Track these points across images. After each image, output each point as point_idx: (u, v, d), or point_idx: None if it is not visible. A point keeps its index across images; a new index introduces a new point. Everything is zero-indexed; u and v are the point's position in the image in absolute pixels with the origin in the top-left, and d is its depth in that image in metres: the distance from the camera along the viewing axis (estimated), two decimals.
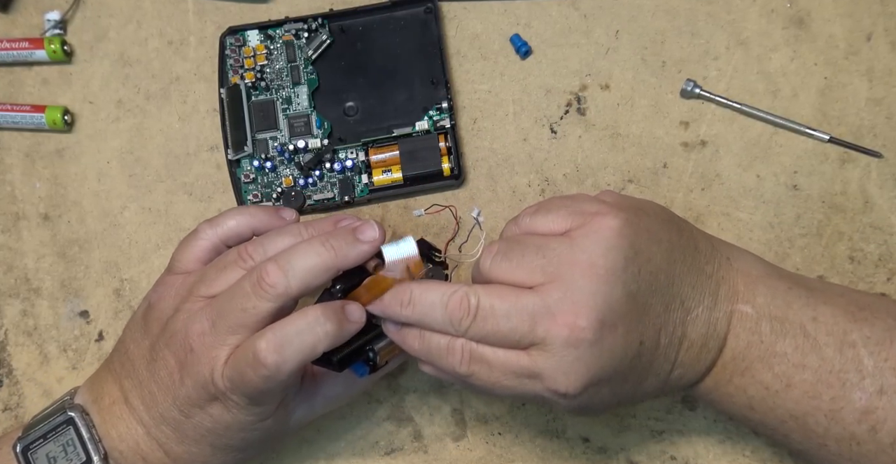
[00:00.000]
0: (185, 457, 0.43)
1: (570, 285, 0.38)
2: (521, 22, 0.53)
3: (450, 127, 0.52)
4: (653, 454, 0.49)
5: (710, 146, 0.51)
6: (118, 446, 0.43)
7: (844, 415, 0.39)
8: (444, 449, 0.50)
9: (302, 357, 0.38)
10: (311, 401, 0.45)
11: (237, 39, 0.54)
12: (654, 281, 0.40)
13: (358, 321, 0.40)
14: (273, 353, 0.38)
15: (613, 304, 0.38)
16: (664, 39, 0.52)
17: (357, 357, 0.43)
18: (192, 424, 0.41)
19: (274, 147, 0.53)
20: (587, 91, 0.53)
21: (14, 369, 0.54)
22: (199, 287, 0.42)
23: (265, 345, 0.38)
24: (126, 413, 0.43)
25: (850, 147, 0.50)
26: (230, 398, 0.40)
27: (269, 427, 0.43)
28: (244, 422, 0.41)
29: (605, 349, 0.38)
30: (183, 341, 0.41)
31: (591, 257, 0.38)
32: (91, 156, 0.55)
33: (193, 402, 0.41)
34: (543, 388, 0.38)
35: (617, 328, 0.38)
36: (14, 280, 0.54)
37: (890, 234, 0.49)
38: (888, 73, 0.50)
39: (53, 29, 0.56)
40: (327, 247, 0.40)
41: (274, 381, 0.39)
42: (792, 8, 0.52)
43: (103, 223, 0.54)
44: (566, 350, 0.37)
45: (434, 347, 0.39)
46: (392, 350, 0.44)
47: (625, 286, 0.38)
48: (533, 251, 0.39)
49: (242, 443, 0.43)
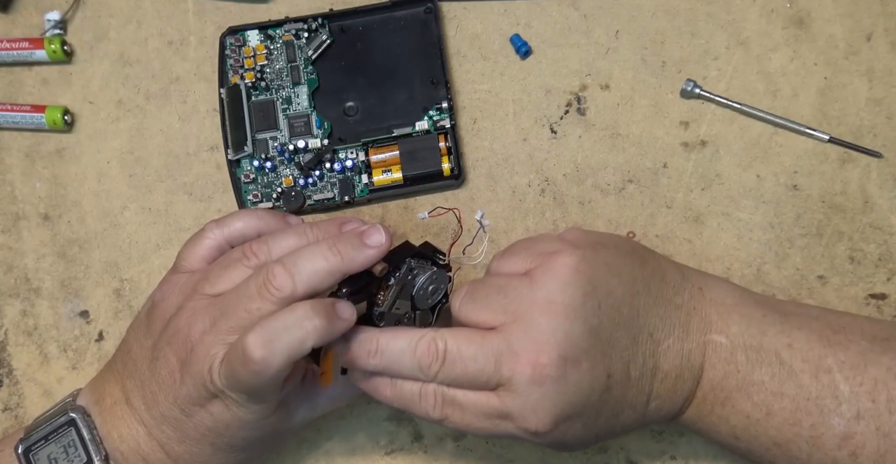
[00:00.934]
0: (186, 457, 0.42)
1: (530, 324, 0.38)
2: (521, 22, 0.53)
3: (450, 127, 0.52)
4: (653, 454, 0.49)
5: (710, 146, 0.51)
6: (119, 447, 0.43)
7: (825, 441, 0.40)
8: (444, 449, 0.50)
9: (290, 352, 0.38)
10: (313, 400, 0.45)
11: (237, 39, 0.54)
12: (617, 314, 0.40)
13: (348, 319, 0.40)
14: (261, 348, 0.37)
15: (575, 339, 0.38)
16: (664, 39, 0.52)
17: None
18: (193, 423, 0.41)
19: (274, 147, 0.53)
20: (587, 91, 0.53)
21: (14, 369, 0.54)
22: (202, 285, 0.42)
23: (253, 340, 0.38)
24: (128, 414, 0.43)
25: (850, 147, 0.50)
26: (229, 396, 0.40)
27: (271, 426, 0.43)
28: (245, 421, 0.41)
29: (571, 385, 0.38)
30: (185, 340, 0.41)
31: (549, 295, 0.39)
32: (91, 156, 0.55)
33: (194, 400, 0.41)
34: (515, 427, 0.39)
35: (581, 363, 0.38)
36: (14, 280, 0.54)
37: (890, 234, 0.49)
38: (888, 73, 0.50)
39: (53, 29, 0.56)
40: (334, 251, 0.40)
41: (264, 376, 0.38)
42: (792, 8, 0.52)
43: (103, 223, 0.54)
44: (531, 388, 0.38)
45: (406, 394, 0.40)
46: None
47: (585, 321, 0.39)
48: (495, 292, 0.40)
49: (244, 442, 0.43)
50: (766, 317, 0.42)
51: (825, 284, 0.49)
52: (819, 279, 0.49)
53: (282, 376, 0.39)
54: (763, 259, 0.50)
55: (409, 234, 0.52)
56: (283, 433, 0.44)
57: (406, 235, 0.52)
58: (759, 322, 0.42)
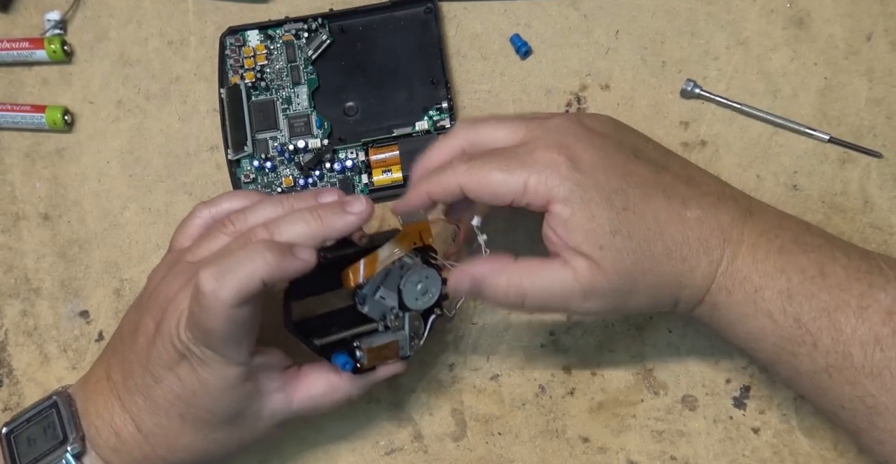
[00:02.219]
0: (156, 431, 0.42)
1: (546, 136, 0.42)
2: (521, 22, 0.53)
3: (450, 127, 0.52)
4: (653, 454, 0.49)
5: (710, 146, 0.51)
6: (95, 422, 0.43)
7: (871, 314, 0.39)
8: (444, 449, 0.50)
9: (240, 285, 0.38)
10: (290, 393, 0.44)
11: (237, 39, 0.54)
12: (640, 150, 0.43)
13: (306, 260, 0.39)
14: (211, 280, 0.37)
15: (588, 144, 0.41)
16: (664, 39, 0.52)
17: (342, 348, 0.43)
18: (162, 389, 0.41)
19: (274, 147, 0.53)
20: (587, 91, 0.53)
21: (14, 369, 0.54)
22: (185, 255, 0.43)
23: (204, 273, 0.38)
24: (106, 389, 0.43)
25: (850, 147, 0.50)
26: (193, 353, 0.40)
27: (239, 401, 0.42)
28: (210, 386, 0.40)
29: (587, 160, 0.41)
30: (161, 303, 0.41)
31: (558, 126, 0.42)
32: (91, 156, 0.55)
33: (164, 363, 0.41)
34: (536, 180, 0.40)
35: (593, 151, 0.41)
36: (14, 280, 0.54)
37: (890, 234, 0.49)
38: (888, 73, 0.50)
39: (53, 29, 0.56)
40: (315, 215, 0.40)
41: (216, 312, 0.38)
42: (792, 8, 0.52)
43: (103, 223, 0.54)
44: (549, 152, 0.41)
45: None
46: (382, 354, 0.44)
47: (594, 143, 0.41)
48: (499, 154, 0.42)
49: (212, 417, 0.42)
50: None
51: None
52: None
53: (237, 317, 0.38)
54: None
55: None
56: (256, 422, 0.43)
57: None
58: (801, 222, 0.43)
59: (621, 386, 0.50)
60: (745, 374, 0.49)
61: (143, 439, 0.42)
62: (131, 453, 0.42)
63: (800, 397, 0.48)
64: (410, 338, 0.45)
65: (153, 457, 0.43)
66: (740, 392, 0.49)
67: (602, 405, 0.50)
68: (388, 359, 0.45)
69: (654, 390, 0.49)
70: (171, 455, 0.43)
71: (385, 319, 0.44)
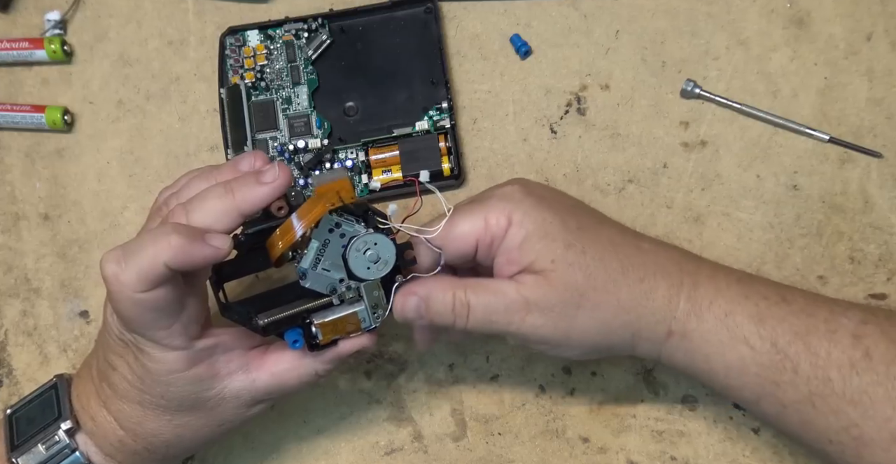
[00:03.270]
0: (121, 416, 0.42)
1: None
2: (521, 22, 0.53)
3: (450, 127, 0.52)
4: (653, 454, 0.49)
5: (710, 146, 0.51)
6: (75, 406, 0.44)
7: (840, 338, 0.39)
8: (444, 449, 0.50)
9: (140, 268, 0.37)
10: (253, 373, 0.43)
11: (237, 39, 0.54)
12: (582, 211, 0.45)
13: (218, 247, 0.38)
14: (112, 264, 0.37)
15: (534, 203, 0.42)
16: (664, 39, 0.52)
17: (291, 325, 0.42)
18: (117, 377, 0.42)
19: (274, 147, 0.53)
20: (587, 91, 0.53)
21: (14, 369, 0.54)
22: None
23: (105, 257, 0.38)
24: (87, 375, 0.44)
25: (850, 147, 0.50)
26: (129, 339, 0.40)
27: (193, 385, 0.41)
28: (155, 372, 0.40)
29: (536, 202, 0.42)
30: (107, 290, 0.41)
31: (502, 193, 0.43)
32: (91, 156, 0.55)
33: (113, 350, 0.41)
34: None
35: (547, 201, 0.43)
36: (14, 280, 0.54)
37: (890, 234, 0.49)
38: (888, 73, 0.50)
39: (53, 29, 0.56)
40: (227, 189, 0.39)
41: (121, 297, 0.38)
42: (792, 8, 0.52)
43: (103, 223, 0.54)
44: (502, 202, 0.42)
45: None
46: (339, 328, 0.42)
47: (541, 198, 0.43)
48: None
49: (167, 402, 0.41)
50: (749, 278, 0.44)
51: (825, 284, 0.49)
52: (819, 279, 0.49)
53: (148, 302, 0.38)
54: (763, 259, 0.50)
55: None
56: (220, 405, 0.42)
57: None
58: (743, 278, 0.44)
59: (621, 386, 0.50)
60: None
61: (115, 423, 0.43)
62: (107, 436, 0.43)
63: None
64: (372, 308, 0.42)
65: (126, 441, 0.43)
66: None
67: (602, 405, 0.50)
68: (350, 333, 0.42)
69: (654, 390, 0.49)
70: (142, 440, 0.43)
71: (336, 292, 0.42)
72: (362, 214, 0.42)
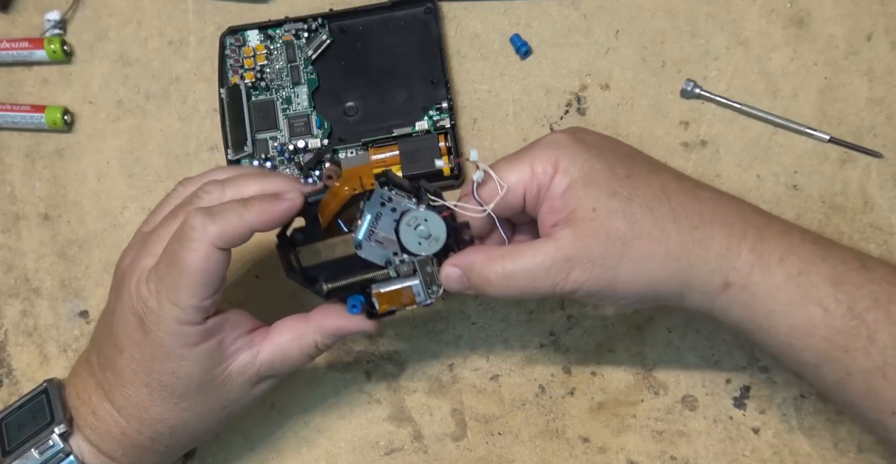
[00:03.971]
0: (126, 404, 0.43)
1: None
2: (521, 22, 0.53)
3: (450, 127, 0.52)
4: (653, 454, 0.49)
5: (710, 146, 0.51)
6: (75, 403, 0.44)
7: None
8: (444, 449, 0.50)
9: (228, 223, 0.39)
10: (256, 347, 0.43)
11: (237, 39, 0.54)
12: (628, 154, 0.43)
13: (293, 199, 0.42)
14: (201, 216, 0.39)
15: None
16: (664, 39, 0.52)
17: (351, 292, 0.43)
18: (125, 359, 0.42)
19: (274, 147, 0.53)
20: (587, 91, 0.53)
21: (14, 369, 0.54)
22: (141, 228, 0.45)
23: (195, 211, 0.40)
24: (86, 371, 0.44)
25: (850, 147, 0.50)
26: (150, 308, 0.40)
27: (202, 363, 0.42)
28: (168, 346, 0.41)
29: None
30: (118, 275, 0.43)
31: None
32: (91, 156, 0.55)
33: (123, 330, 0.42)
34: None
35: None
36: (14, 280, 0.54)
37: (890, 234, 0.49)
38: (888, 73, 0.50)
39: (53, 29, 0.56)
40: (248, 208, 0.41)
41: (197, 247, 0.39)
42: (792, 8, 0.52)
43: (103, 223, 0.54)
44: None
45: None
46: (396, 299, 0.43)
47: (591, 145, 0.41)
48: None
49: (175, 380, 0.42)
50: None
51: None
52: None
53: (213, 260, 0.39)
54: None
55: None
56: (226, 384, 0.43)
57: None
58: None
59: (621, 386, 0.50)
60: (745, 374, 0.49)
61: (118, 414, 0.43)
62: (109, 430, 0.43)
63: (800, 396, 0.48)
64: (427, 284, 0.43)
65: (130, 432, 0.43)
66: (740, 392, 0.49)
67: (602, 405, 0.50)
68: (406, 305, 0.43)
69: (654, 390, 0.49)
70: (147, 428, 0.43)
71: (392, 264, 0.43)
72: (414, 190, 0.43)
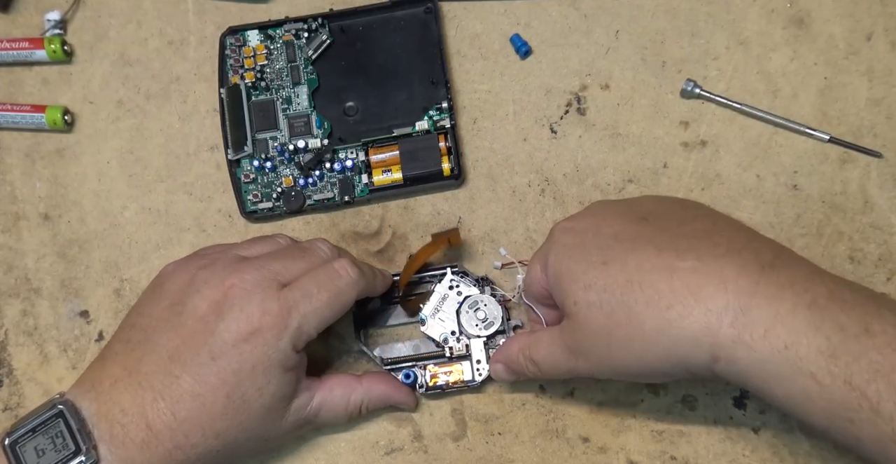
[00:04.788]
0: (192, 416, 0.42)
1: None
2: (521, 22, 0.53)
3: (450, 127, 0.52)
4: (653, 454, 0.49)
5: (710, 146, 0.51)
6: (121, 420, 0.42)
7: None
8: (444, 449, 0.50)
9: (367, 281, 0.46)
10: (313, 392, 0.46)
11: (237, 39, 0.54)
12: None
13: (388, 277, 0.50)
14: (349, 266, 0.46)
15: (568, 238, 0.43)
16: (664, 39, 0.52)
17: (407, 365, 0.50)
18: (218, 366, 0.42)
19: (274, 147, 0.53)
20: (587, 91, 0.53)
21: (14, 369, 0.54)
22: (235, 250, 0.48)
23: (344, 260, 0.46)
24: (132, 384, 0.43)
25: (850, 147, 0.50)
26: (271, 329, 0.43)
27: (284, 388, 0.44)
28: (270, 362, 0.43)
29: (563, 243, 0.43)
30: (219, 283, 0.44)
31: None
32: (91, 156, 0.55)
33: (227, 338, 0.42)
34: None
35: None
36: (14, 280, 0.54)
37: (890, 234, 0.49)
38: (888, 73, 0.50)
39: (53, 29, 0.56)
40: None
41: (346, 293, 0.45)
42: (792, 8, 0.52)
43: (103, 223, 0.54)
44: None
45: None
46: (445, 376, 0.49)
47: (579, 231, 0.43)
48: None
49: (256, 400, 0.43)
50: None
51: None
52: None
53: (349, 305, 0.45)
54: None
55: (409, 234, 0.52)
56: (283, 417, 0.45)
57: (406, 234, 0.52)
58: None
59: (621, 386, 0.50)
60: None
61: (178, 426, 0.42)
62: (163, 443, 0.42)
63: None
64: (477, 364, 0.49)
65: (185, 445, 0.42)
66: (740, 392, 0.49)
67: (602, 405, 0.50)
68: (455, 383, 0.49)
69: (654, 390, 0.49)
70: (204, 442, 0.43)
71: (447, 342, 0.49)
72: (481, 279, 0.50)
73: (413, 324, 0.51)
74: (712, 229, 0.40)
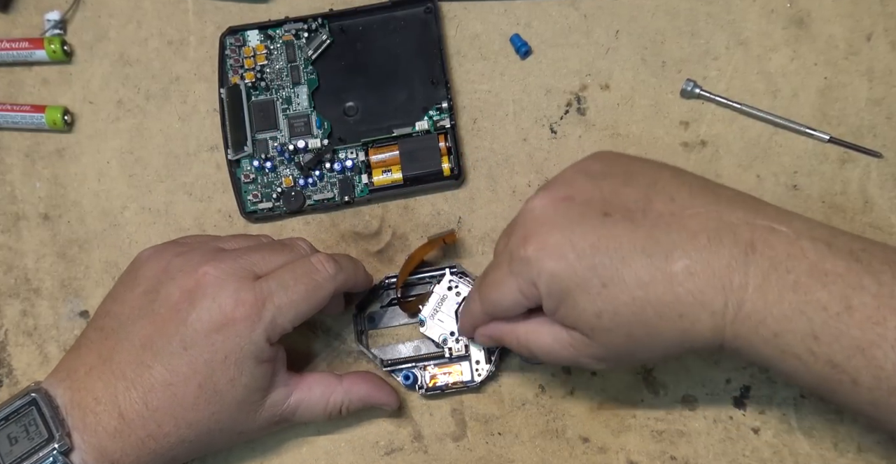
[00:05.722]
0: (164, 405, 0.42)
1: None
2: (521, 22, 0.53)
3: (450, 127, 0.52)
4: (653, 454, 0.49)
5: (710, 146, 0.51)
6: (94, 408, 0.42)
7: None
8: (444, 449, 0.50)
9: (348, 275, 0.46)
10: (291, 388, 0.46)
11: (237, 39, 0.54)
12: (617, 172, 0.43)
13: (370, 276, 0.50)
14: (333, 264, 0.45)
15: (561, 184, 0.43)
16: (664, 39, 0.52)
17: (406, 365, 0.50)
18: (190, 356, 0.42)
19: (274, 147, 0.53)
20: (587, 91, 0.53)
21: (14, 369, 0.54)
22: (216, 243, 0.47)
23: (324, 258, 0.45)
24: (105, 372, 0.43)
25: (850, 147, 0.50)
26: (244, 320, 0.42)
27: (257, 381, 0.44)
28: (244, 354, 0.42)
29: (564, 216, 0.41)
30: (193, 271, 0.43)
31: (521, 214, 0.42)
32: (91, 156, 0.55)
33: (199, 328, 0.42)
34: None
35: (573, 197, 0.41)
36: (14, 280, 0.54)
37: (890, 234, 0.49)
38: (888, 73, 0.50)
39: (53, 29, 0.56)
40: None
41: (328, 285, 0.44)
42: (792, 8, 0.52)
43: (103, 223, 0.54)
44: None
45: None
46: (444, 376, 0.50)
47: (573, 179, 0.43)
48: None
49: (228, 392, 0.43)
50: (836, 230, 0.39)
51: None
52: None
53: (327, 299, 0.45)
54: None
55: (409, 234, 0.52)
56: (257, 411, 0.45)
57: (406, 235, 0.52)
58: (826, 227, 0.39)
59: (621, 386, 0.50)
60: (745, 374, 0.49)
61: (150, 415, 0.42)
62: (136, 432, 0.42)
63: (800, 396, 0.48)
64: (476, 365, 0.49)
65: (158, 435, 0.42)
66: (740, 392, 0.49)
67: (602, 405, 0.50)
68: (454, 384, 0.49)
69: (654, 390, 0.49)
70: (177, 431, 0.43)
71: (447, 343, 0.49)
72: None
73: (412, 325, 0.51)
74: (672, 205, 0.40)
